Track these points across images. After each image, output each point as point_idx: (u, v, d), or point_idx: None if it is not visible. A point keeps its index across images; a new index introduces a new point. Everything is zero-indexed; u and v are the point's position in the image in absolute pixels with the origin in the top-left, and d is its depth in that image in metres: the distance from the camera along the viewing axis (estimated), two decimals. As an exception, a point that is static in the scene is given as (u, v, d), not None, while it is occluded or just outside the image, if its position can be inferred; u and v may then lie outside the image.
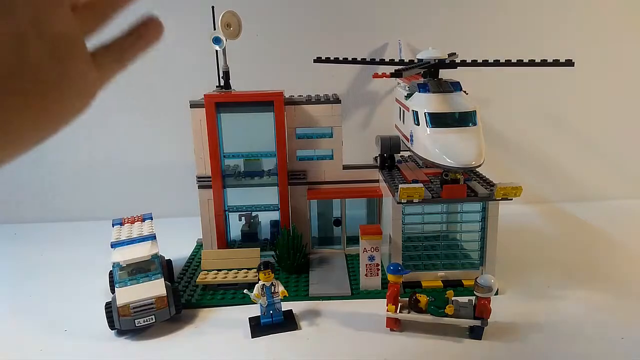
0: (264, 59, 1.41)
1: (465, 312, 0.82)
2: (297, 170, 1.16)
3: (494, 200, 0.95)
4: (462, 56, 1.03)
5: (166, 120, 1.43)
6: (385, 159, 1.14)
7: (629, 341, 0.82)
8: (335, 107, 1.14)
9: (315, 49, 1.17)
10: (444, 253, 1.06)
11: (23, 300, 1.04)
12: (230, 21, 1.13)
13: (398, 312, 0.85)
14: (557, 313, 0.91)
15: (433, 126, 0.90)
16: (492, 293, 0.81)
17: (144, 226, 1.03)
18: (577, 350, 0.80)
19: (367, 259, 0.99)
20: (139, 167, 1.49)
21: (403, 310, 0.86)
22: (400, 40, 1.38)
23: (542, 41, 1.40)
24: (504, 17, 1.42)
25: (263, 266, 0.86)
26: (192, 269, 1.14)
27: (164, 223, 1.14)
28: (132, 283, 0.90)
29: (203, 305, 0.98)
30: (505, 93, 1.44)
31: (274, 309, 0.87)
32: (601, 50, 1.43)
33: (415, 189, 0.92)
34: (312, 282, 1.05)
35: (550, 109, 1.50)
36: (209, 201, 1.15)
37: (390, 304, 0.85)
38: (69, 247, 1.32)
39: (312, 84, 1.28)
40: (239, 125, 1.15)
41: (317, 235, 1.24)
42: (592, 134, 1.52)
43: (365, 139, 1.36)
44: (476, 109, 0.92)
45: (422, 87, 0.96)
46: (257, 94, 1.11)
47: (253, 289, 0.88)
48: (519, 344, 0.82)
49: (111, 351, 0.84)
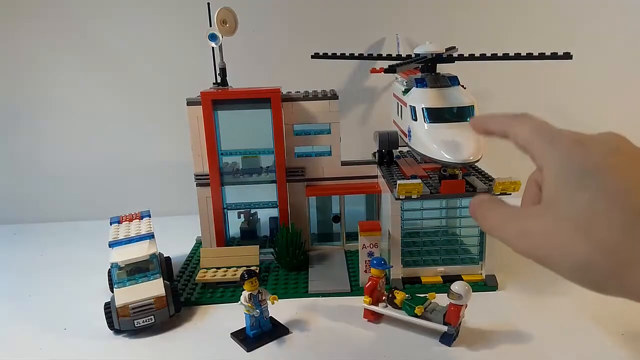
0: (260, 56, 1.40)
1: (435, 316, 0.82)
2: (295, 166, 1.16)
3: (493, 195, 0.94)
4: (461, 50, 1.02)
5: (163, 118, 1.43)
6: (384, 155, 1.14)
7: (629, 337, 0.81)
8: (333, 103, 1.14)
9: (312, 45, 1.17)
10: (443, 248, 1.06)
11: (23, 300, 1.04)
12: (226, 17, 1.12)
13: (379, 306, 0.87)
14: (557, 308, 0.91)
15: (431, 121, 0.89)
16: (463, 301, 0.79)
17: (142, 225, 1.02)
18: (576, 346, 0.80)
19: (366, 255, 0.99)
20: (137, 166, 1.49)
21: (381, 304, 0.87)
22: (398, 34, 1.37)
23: (542, 34, 1.38)
24: (503, 10, 1.41)
25: (247, 275, 0.82)
26: (191, 267, 1.14)
27: (163, 221, 1.14)
28: (130, 283, 0.90)
29: (202, 303, 0.98)
30: (505, 86, 1.43)
31: (262, 318, 0.85)
32: (601, 43, 1.42)
33: (414, 184, 0.91)
34: (312, 278, 1.05)
35: (550, 101, 1.49)
36: (207, 199, 1.15)
37: (367, 296, 0.87)
38: (68, 246, 1.33)
39: (310, 80, 1.27)
40: (237, 123, 1.14)
41: (316, 232, 1.23)
42: (593, 127, 1.50)
43: (363, 135, 1.35)
44: (474, 104, 0.91)
45: (419, 82, 0.96)
46: (254, 91, 1.11)
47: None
48: (509, 345, 0.81)
49: (110, 349, 0.85)
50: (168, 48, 1.41)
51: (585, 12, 1.41)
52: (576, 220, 0.30)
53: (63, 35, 1.40)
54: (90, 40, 1.41)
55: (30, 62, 1.42)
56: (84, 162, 1.50)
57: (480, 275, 1.02)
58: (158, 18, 1.40)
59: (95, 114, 1.46)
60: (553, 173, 0.33)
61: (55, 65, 1.42)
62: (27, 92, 1.45)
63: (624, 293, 0.29)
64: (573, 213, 0.30)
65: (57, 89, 1.44)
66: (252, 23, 1.31)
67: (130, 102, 1.45)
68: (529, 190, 0.38)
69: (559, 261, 0.31)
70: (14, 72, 1.44)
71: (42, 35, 1.40)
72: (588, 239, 0.29)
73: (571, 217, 0.30)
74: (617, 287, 0.29)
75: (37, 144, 1.49)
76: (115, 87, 1.44)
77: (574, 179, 0.31)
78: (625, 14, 1.42)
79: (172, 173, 1.45)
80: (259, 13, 1.37)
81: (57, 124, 1.47)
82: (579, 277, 0.30)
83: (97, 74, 1.43)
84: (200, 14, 1.12)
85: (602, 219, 0.29)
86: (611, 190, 0.30)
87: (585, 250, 0.29)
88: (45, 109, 1.46)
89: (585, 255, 0.29)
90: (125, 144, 1.48)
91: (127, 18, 1.39)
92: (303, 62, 1.19)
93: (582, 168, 0.31)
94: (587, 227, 0.30)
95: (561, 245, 0.30)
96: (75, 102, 1.45)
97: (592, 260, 0.29)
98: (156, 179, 1.49)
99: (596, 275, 0.29)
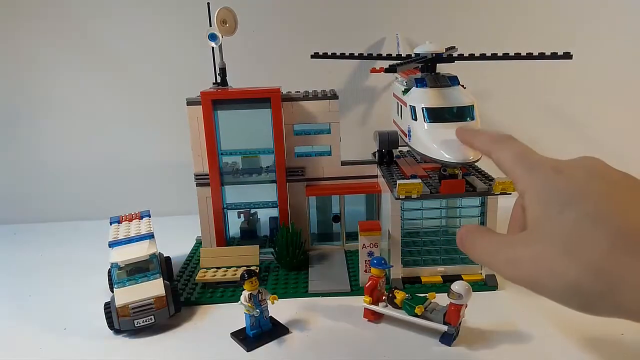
0: (260, 55, 1.41)
1: (435, 316, 0.82)
2: (295, 166, 1.16)
3: (493, 194, 0.94)
4: (461, 50, 1.02)
5: (163, 118, 1.43)
6: (384, 155, 1.14)
7: (628, 337, 0.81)
8: (333, 103, 1.14)
9: (312, 45, 1.17)
10: (443, 248, 1.06)
11: (23, 300, 1.04)
12: (226, 17, 1.12)
13: (379, 306, 0.87)
14: (557, 307, 0.90)
15: (431, 121, 0.89)
16: (463, 301, 0.79)
17: (142, 224, 1.02)
18: (576, 346, 0.80)
19: (366, 255, 0.99)
20: (137, 166, 1.49)
21: (381, 304, 0.87)
22: (398, 34, 1.37)
23: (542, 34, 1.39)
24: (503, 10, 1.41)
25: (247, 275, 0.82)
26: (191, 267, 1.14)
27: (163, 221, 1.14)
28: (130, 283, 0.90)
29: (202, 303, 0.98)
30: (505, 86, 1.43)
31: (262, 318, 0.85)
32: (601, 43, 1.42)
33: (414, 184, 0.91)
34: (312, 278, 1.05)
35: (550, 101, 1.49)
36: (207, 199, 1.15)
37: (367, 296, 0.87)
38: (68, 246, 1.33)
39: (310, 80, 1.27)
40: (236, 123, 1.14)
41: (316, 232, 1.23)
42: (594, 127, 1.51)
43: (363, 135, 1.35)
44: (474, 103, 0.91)
45: (419, 82, 0.95)
46: (254, 91, 1.10)
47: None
48: (509, 345, 0.81)
49: (110, 349, 0.84)
50: (168, 48, 1.41)
51: (585, 12, 1.41)
52: (562, 243, 0.31)
53: (63, 35, 1.40)
54: (90, 40, 1.41)
55: (30, 62, 1.42)
56: (84, 162, 1.50)
57: (480, 274, 1.02)
58: (158, 18, 1.40)
59: (95, 114, 1.46)
60: (535, 200, 0.34)
61: (55, 65, 1.42)
62: (27, 92, 1.45)
63: (615, 312, 0.30)
64: (559, 236, 0.31)
65: (57, 89, 1.44)
66: (252, 23, 1.31)
67: (130, 102, 1.45)
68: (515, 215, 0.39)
69: (549, 285, 0.32)
70: (14, 72, 1.44)
71: (42, 35, 1.40)
72: (576, 260, 0.30)
73: (557, 241, 0.31)
74: (608, 307, 0.30)
75: (37, 144, 1.49)
76: (115, 87, 1.44)
77: (557, 205, 0.32)
78: (625, 14, 1.42)
79: (172, 173, 1.45)
80: (258, 13, 1.37)
81: (57, 124, 1.47)
82: (570, 299, 0.31)
83: (97, 74, 1.43)
84: (200, 14, 1.13)
85: (588, 240, 0.30)
86: (594, 213, 0.30)
87: (574, 271, 0.30)
88: (45, 109, 1.46)
89: (574, 276, 0.30)
90: (125, 144, 1.49)
91: (127, 18, 1.39)
92: (303, 62, 1.19)
93: (564, 194, 0.32)
94: (574, 249, 0.30)
95: (550, 269, 0.31)
96: (75, 102, 1.45)
97: (582, 281, 0.30)
98: (156, 179, 1.49)
99: (586, 295, 0.30)
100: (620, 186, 0.32)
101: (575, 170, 0.34)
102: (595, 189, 0.32)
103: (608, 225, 0.30)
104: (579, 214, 0.31)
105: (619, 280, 0.29)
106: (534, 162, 0.36)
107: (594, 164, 0.35)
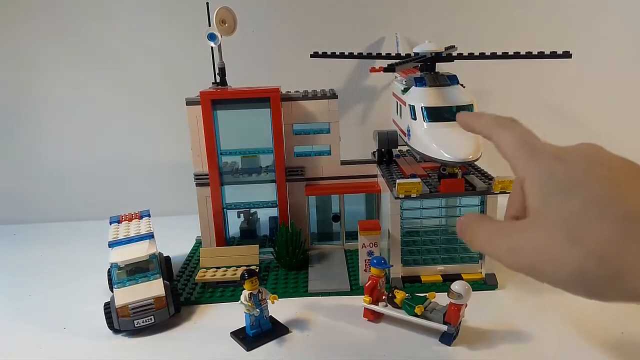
0: (259, 55, 1.40)
1: (435, 316, 0.82)
2: (294, 166, 1.16)
3: (492, 194, 0.94)
4: (461, 49, 1.02)
5: (163, 118, 1.43)
6: (383, 154, 1.14)
7: (628, 336, 0.81)
8: (333, 103, 1.14)
9: (312, 44, 1.17)
10: (443, 247, 1.06)
11: (22, 299, 1.04)
12: (225, 17, 1.12)
13: (379, 305, 0.87)
14: (557, 306, 0.90)
15: (430, 120, 0.89)
16: (463, 300, 0.79)
17: (142, 224, 1.02)
18: (576, 345, 0.80)
19: (366, 254, 0.99)
20: (137, 166, 1.49)
21: (381, 304, 0.87)
22: (397, 33, 1.37)
23: (542, 34, 1.38)
24: (503, 10, 1.41)
25: (248, 274, 0.82)
26: (191, 267, 1.14)
27: (162, 221, 1.14)
28: (130, 283, 0.90)
29: (202, 303, 0.98)
30: (504, 86, 1.43)
31: (262, 317, 0.85)
32: (601, 43, 1.42)
33: (413, 183, 0.91)
34: (311, 278, 1.05)
35: (550, 101, 1.49)
36: (207, 199, 1.15)
37: (367, 295, 0.87)
38: (68, 246, 1.33)
39: (309, 79, 1.27)
40: (236, 122, 1.14)
41: (316, 231, 1.23)
42: (594, 126, 1.51)
43: (363, 134, 1.35)
44: (473, 103, 0.91)
45: (418, 81, 0.96)
46: (253, 90, 1.10)
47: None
48: (509, 344, 0.81)
49: (110, 349, 0.85)
50: (168, 48, 1.41)
51: (585, 12, 1.41)
52: (567, 229, 0.31)
53: (63, 35, 1.40)
54: (90, 40, 1.41)
55: (30, 62, 1.42)
56: (84, 162, 1.50)
57: (480, 274, 1.02)
58: (158, 18, 1.40)
59: (95, 114, 1.46)
60: (537, 187, 0.34)
61: (55, 65, 1.42)
62: (27, 92, 1.45)
63: (623, 297, 0.30)
64: (563, 223, 0.31)
65: (57, 89, 1.44)
66: (251, 23, 1.31)
67: (130, 101, 1.45)
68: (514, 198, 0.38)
69: (554, 272, 0.31)
70: (14, 72, 1.44)
71: (42, 35, 1.40)
72: (581, 246, 0.30)
73: (561, 227, 0.31)
74: (616, 292, 0.30)
75: (37, 144, 1.49)
76: (115, 87, 1.44)
77: (559, 191, 0.32)
78: (625, 14, 1.42)
79: (172, 173, 1.45)
80: (258, 13, 1.37)
81: (57, 124, 1.47)
82: (576, 286, 0.31)
83: (97, 74, 1.43)
84: (199, 14, 1.13)
85: (593, 225, 0.30)
86: (598, 198, 0.30)
87: (579, 257, 0.30)
88: (45, 109, 1.46)
89: (579, 262, 0.30)
90: (125, 143, 1.49)
91: (127, 18, 1.39)
92: (302, 62, 1.19)
93: (566, 182, 0.32)
94: (579, 234, 0.30)
95: (554, 256, 0.31)
96: (75, 102, 1.45)
97: (587, 267, 0.29)
98: (156, 179, 1.49)
99: (593, 281, 0.30)
100: (623, 172, 0.32)
101: (576, 157, 0.33)
102: (598, 176, 0.31)
103: (614, 211, 0.29)
104: (583, 201, 0.30)
105: (627, 264, 0.28)
106: (535, 148, 0.36)
107: (595, 150, 0.35)
